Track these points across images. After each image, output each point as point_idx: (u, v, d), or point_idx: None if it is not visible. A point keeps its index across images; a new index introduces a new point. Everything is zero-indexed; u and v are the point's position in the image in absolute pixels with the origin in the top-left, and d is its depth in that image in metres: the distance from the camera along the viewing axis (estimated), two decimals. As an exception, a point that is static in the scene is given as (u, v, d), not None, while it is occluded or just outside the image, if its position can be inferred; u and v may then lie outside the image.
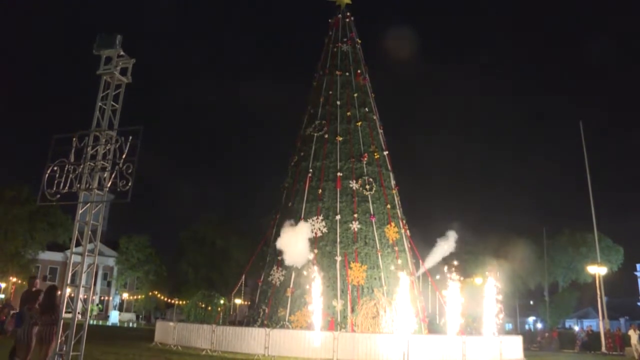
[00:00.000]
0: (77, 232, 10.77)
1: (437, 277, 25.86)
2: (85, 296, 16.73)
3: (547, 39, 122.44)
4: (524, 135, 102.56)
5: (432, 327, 24.21)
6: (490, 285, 21.71)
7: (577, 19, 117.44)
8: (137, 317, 67.13)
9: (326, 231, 24.30)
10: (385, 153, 27.48)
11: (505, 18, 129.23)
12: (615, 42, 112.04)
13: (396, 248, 24.83)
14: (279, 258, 24.03)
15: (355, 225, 24.30)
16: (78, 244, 10.61)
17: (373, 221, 24.70)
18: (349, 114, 27.22)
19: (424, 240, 27.13)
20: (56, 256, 65.23)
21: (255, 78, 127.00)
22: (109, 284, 72.28)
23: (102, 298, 71.19)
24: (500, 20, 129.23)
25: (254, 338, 19.44)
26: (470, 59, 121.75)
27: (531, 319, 66.82)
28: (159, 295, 65.31)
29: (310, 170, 26.05)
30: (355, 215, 24.51)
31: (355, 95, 27.91)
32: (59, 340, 10.37)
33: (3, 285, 50.53)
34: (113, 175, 10.11)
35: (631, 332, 29.51)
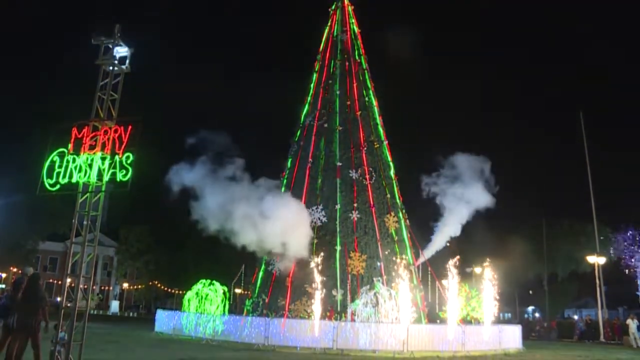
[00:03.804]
0: (76, 222, 10.75)
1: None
2: (86, 286, 16.75)
3: (547, 35, 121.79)
4: (525, 125, 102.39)
5: (432, 316, 24.29)
6: (489, 276, 21.72)
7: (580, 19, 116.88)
8: (125, 306, 65.97)
9: (326, 221, 24.32)
10: (385, 142, 27.44)
11: (506, 11, 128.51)
12: (617, 34, 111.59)
13: (396, 237, 24.86)
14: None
15: (355, 215, 24.32)
16: (78, 234, 10.60)
17: (373, 211, 24.72)
18: (348, 103, 27.15)
19: (422, 229, 27.12)
20: (56, 246, 65.29)
21: (254, 67, 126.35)
22: (109, 274, 72.48)
23: (103, 288, 71.42)
24: (501, 13, 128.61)
25: (253, 327, 19.52)
26: (472, 49, 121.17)
27: (530, 308, 67.02)
28: (159, 285, 65.47)
29: (310, 159, 26.02)
30: (355, 205, 24.52)
31: (355, 84, 27.83)
32: (60, 329, 10.37)
33: (3, 275, 50.66)
34: (112, 166, 10.09)
35: (629, 322, 29.67)
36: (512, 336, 21.97)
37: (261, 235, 21.06)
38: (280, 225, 21.12)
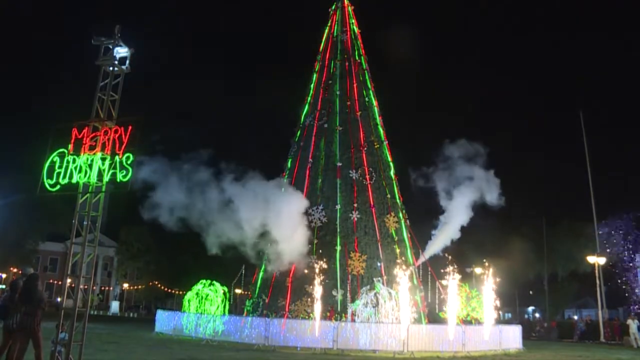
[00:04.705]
0: (76, 222, 10.74)
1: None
2: (86, 286, 16.74)
3: (546, 32, 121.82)
4: (524, 125, 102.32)
5: (432, 316, 24.29)
6: (489, 276, 21.74)
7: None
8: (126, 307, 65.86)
9: (326, 221, 24.33)
10: (385, 142, 27.45)
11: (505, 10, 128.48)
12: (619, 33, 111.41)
13: (396, 238, 24.86)
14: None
15: (355, 215, 24.32)
16: (78, 235, 10.59)
17: (373, 211, 24.72)
18: (348, 103, 27.15)
19: (423, 229, 27.07)
20: (56, 247, 65.27)
21: (254, 67, 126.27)
22: (109, 274, 72.44)
23: (103, 288, 71.38)
24: (500, 12, 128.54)
25: (254, 328, 19.52)
26: (471, 49, 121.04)
27: (530, 308, 67.01)
28: (159, 285, 65.39)
29: (310, 160, 26.03)
30: (355, 205, 24.52)
31: (355, 84, 27.83)
32: (60, 329, 10.37)
33: (4, 275, 50.66)
34: (112, 166, 10.08)
35: (629, 322, 29.68)
36: (512, 336, 21.98)
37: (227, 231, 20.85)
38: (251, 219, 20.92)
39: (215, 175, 21.50)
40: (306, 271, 22.16)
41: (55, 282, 65.26)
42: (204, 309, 21.94)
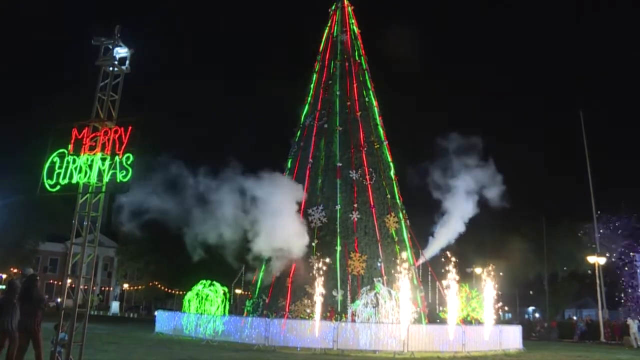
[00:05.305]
0: (77, 223, 10.73)
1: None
2: (86, 287, 16.73)
3: (547, 32, 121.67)
4: (524, 124, 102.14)
5: (432, 316, 24.28)
6: (489, 277, 21.74)
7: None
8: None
9: (326, 221, 24.31)
10: (385, 143, 27.44)
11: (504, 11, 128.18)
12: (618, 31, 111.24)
13: (396, 238, 24.85)
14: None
15: (355, 215, 24.31)
16: (78, 235, 10.58)
17: (373, 211, 24.71)
18: (348, 103, 27.14)
19: (423, 231, 27.06)
20: (56, 247, 65.20)
21: (254, 68, 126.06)
22: (109, 275, 72.38)
23: (103, 289, 71.31)
24: (500, 12, 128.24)
25: (254, 328, 19.51)
26: (471, 49, 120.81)
27: (530, 308, 66.97)
28: (159, 286, 65.29)
29: (310, 160, 26.02)
30: (355, 205, 24.51)
31: (355, 85, 27.83)
32: (60, 329, 10.37)
33: (4, 276, 50.63)
34: (112, 166, 10.07)
35: (630, 322, 29.67)
36: (512, 336, 21.98)
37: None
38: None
39: (200, 175, 21.77)
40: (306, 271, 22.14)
41: (56, 282, 65.21)
42: (204, 309, 21.94)
